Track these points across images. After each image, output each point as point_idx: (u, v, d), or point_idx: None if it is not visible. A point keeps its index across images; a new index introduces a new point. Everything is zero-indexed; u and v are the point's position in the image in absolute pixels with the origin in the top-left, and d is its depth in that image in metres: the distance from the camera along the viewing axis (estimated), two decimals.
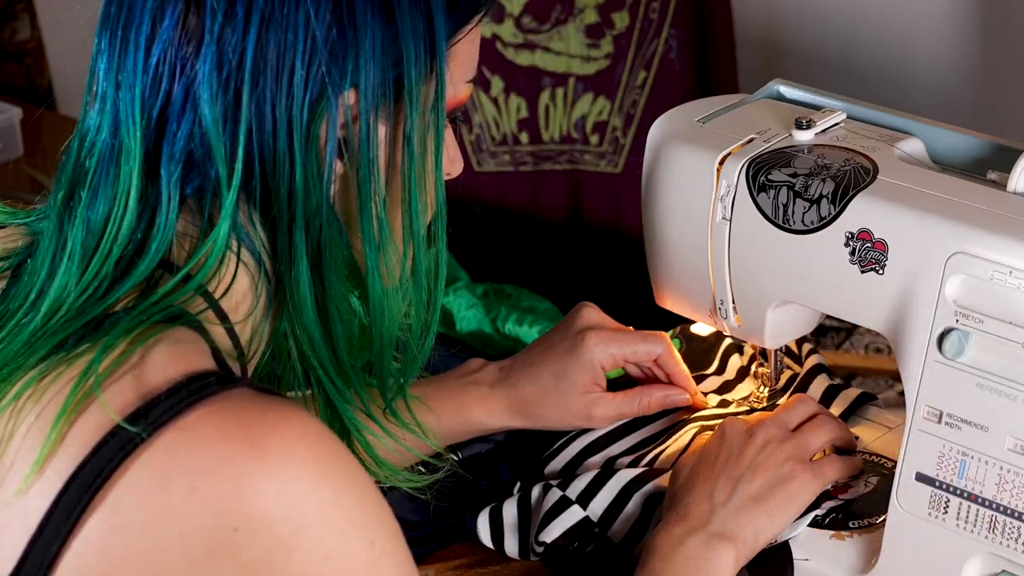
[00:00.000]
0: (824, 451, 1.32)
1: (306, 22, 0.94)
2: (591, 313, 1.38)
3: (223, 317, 0.98)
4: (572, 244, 2.30)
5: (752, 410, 1.38)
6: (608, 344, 1.35)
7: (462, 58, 1.03)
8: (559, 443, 1.37)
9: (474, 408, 1.35)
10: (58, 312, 0.95)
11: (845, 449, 1.30)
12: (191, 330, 0.96)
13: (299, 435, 0.89)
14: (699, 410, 1.38)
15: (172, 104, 0.95)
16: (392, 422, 1.07)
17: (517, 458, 1.38)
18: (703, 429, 1.34)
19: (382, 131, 0.98)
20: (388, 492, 1.32)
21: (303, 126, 0.95)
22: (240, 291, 0.99)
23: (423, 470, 1.36)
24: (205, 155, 0.95)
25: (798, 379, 1.41)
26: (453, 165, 1.08)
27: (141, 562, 0.88)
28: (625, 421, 1.38)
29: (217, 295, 0.98)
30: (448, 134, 1.06)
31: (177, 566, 0.88)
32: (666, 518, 1.19)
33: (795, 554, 1.23)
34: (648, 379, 1.40)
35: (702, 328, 1.45)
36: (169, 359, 0.92)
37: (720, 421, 1.35)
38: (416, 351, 1.06)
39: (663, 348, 1.36)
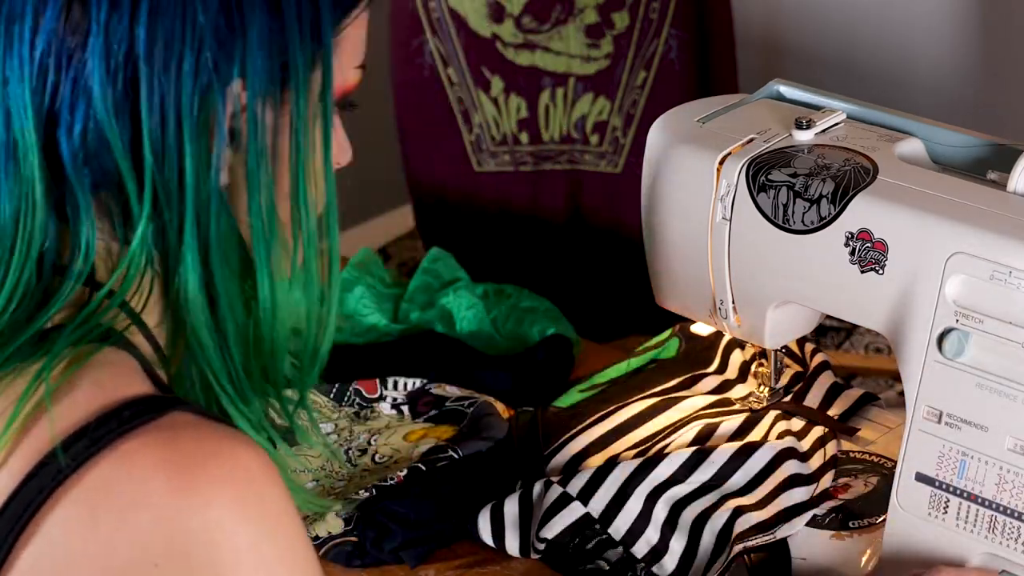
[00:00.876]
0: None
1: (193, 11, 0.92)
2: None
3: (141, 324, 0.96)
4: (572, 244, 2.30)
5: (752, 410, 1.38)
6: None
7: (349, 44, 1.00)
8: (560, 441, 1.38)
9: None
10: None
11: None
12: (119, 349, 0.94)
13: (228, 472, 0.87)
14: (701, 408, 1.38)
15: (62, 97, 0.93)
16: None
17: (517, 456, 1.38)
18: (708, 427, 1.34)
19: (269, 120, 0.96)
20: (401, 487, 1.31)
21: (193, 116, 0.93)
22: (152, 292, 0.97)
23: (422, 468, 1.36)
24: (102, 148, 0.93)
25: (806, 376, 1.41)
26: (342, 154, 1.04)
27: None
28: (624, 420, 1.38)
29: (136, 304, 0.96)
30: (336, 121, 1.02)
31: None
32: None
33: (793, 553, 1.23)
34: None
35: (702, 328, 1.46)
36: (98, 386, 0.91)
37: (721, 419, 1.35)
38: (311, 351, 1.01)
39: None
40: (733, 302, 1.29)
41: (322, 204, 1.00)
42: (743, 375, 1.43)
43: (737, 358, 1.44)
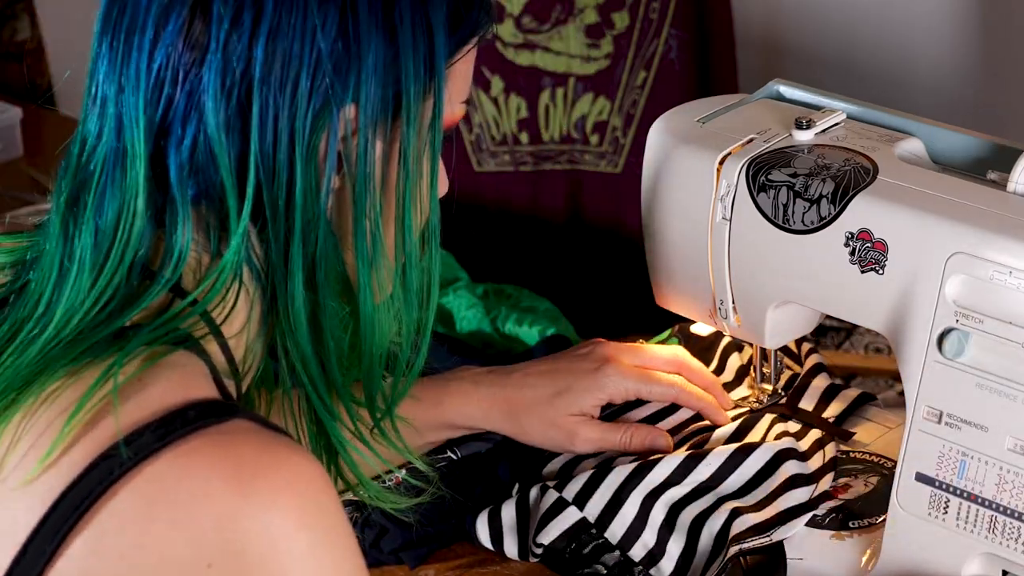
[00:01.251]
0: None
1: (312, 34, 0.93)
2: (611, 347, 1.39)
3: (218, 333, 0.98)
4: (572, 244, 2.30)
5: (751, 411, 1.38)
6: (626, 378, 1.35)
7: (459, 78, 1.03)
8: None
9: (450, 400, 1.35)
10: (70, 322, 0.94)
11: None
12: (191, 353, 0.95)
13: (288, 481, 0.88)
14: (698, 420, 1.38)
15: (175, 110, 0.94)
16: (379, 442, 1.07)
17: (516, 458, 1.38)
18: (704, 439, 1.34)
19: (379, 147, 0.98)
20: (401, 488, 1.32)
21: (305, 138, 0.95)
22: (236, 305, 0.99)
23: (425, 465, 1.36)
24: (209, 162, 0.95)
25: (799, 379, 1.41)
26: (441, 185, 1.08)
27: None
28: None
29: (217, 315, 0.98)
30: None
31: None
32: None
33: (790, 554, 1.23)
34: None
35: (702, 328, 1.45)
36: (167, 385, 0.92)
37: (719, 426, 1.35)
38: (405, 370, 1.05)
39: (677, 392, 1.37)
40: (733, 302, 1.29)
41: (423, 228, 1.03)
42: (740, 378, 1.43)
43: (735, 361, 1.44)
